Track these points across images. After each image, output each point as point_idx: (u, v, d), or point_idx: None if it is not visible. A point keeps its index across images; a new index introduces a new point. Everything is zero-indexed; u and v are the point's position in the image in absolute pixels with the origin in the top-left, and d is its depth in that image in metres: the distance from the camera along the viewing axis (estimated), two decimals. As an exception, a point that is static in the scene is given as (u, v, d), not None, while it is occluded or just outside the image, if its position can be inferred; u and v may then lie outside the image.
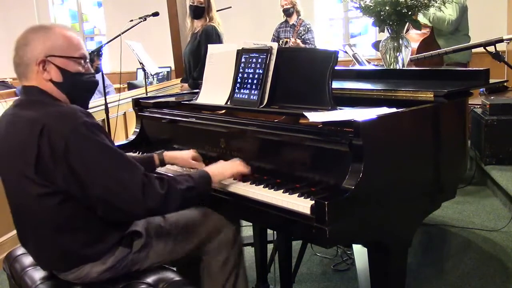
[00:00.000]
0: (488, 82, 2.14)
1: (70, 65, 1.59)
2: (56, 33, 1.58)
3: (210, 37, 4.18)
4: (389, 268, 1.67)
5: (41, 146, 1.44)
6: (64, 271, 1.60)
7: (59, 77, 1.57)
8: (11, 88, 5.97)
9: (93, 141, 1.46)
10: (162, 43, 6.83)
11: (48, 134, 1.43)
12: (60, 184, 1.47)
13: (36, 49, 1.55)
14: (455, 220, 3.39)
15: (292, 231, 1.66)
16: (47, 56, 1.55)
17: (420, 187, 1.73)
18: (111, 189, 1.46)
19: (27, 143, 1.46)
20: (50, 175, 1.46)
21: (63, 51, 1.57)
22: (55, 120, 1.46)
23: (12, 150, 1.53)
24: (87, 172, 1.45)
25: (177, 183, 1.58)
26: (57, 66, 1.57)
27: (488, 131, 3.99)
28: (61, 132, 1.43)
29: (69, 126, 1.44)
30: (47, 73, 1.56)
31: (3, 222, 3.12)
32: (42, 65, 1.55)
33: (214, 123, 1.97)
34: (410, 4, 2.40)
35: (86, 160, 1.45)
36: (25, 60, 1.56)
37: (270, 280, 2.53)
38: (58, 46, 1.57)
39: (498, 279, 2.59)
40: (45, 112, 1.49)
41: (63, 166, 1.44)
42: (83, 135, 1.45)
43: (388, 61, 2.54)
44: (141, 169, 1.53)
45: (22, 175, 1.50)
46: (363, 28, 7.90)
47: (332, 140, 1.54)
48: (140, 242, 1.65)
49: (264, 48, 1.95)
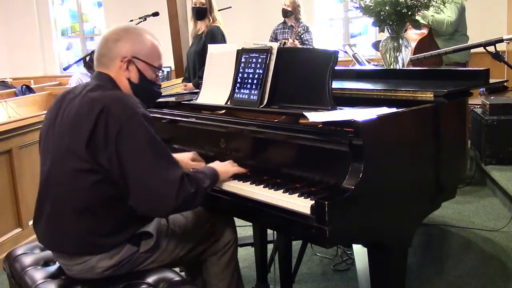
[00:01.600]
0: (488, 82, 2.14)
1: (148, 72, 1.70)
2: (146, 39, 1.70)
3: (216, 37, 4.20)
4: (389, 268, 1.67)
5: (98, 123, 1.50)
6: (71, 255, 1.61)
7: (136, 79, 1.68)
8: (11, 88, 5.96)
9: (145, 132, 1.52)
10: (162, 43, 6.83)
11: (107, 114, 1.50)
12: (103, 164, 1.51)
13: (125, 47, 1.65)
14: (455, 220, 3.39)
15: (292, 231, 1.66)
16: (133, 57, 1.66)
17: (420, 187, 1.73)
18: (149, 180, 1.51)
19: (85, 119, 1.52)
20: (97, 153, 1.51)
21: (147, 57, 1.69)
22: (116, 103, 1.53)
23: (68, 123, 1.58)
24: (132, 159, 1.50)
25: (202, 182, 1.62)
26: (138, 68, 1.67)
27: (488, 131, 3.99)
28: (119, 116, 1.50)
29: (128, 112, 1.51)
30: (127, 72, 1.66)
31: (3, 222, 3.13)
32: (127, 63, 1.65)
33: (214, 123, 1.97)
34: (410, 4, 2.40)
35: (134, 147, 1.51)
36: (112, 53, 1.66)
37: (270, 280, 2.53)
38: (145, 52, 1.68)
39: (498, 279, 2.59)
40: (109, 94, 1.57)
41: (112, 147, 1.49)
42: (138, 124, 1.51)
43: (388, 61, 2.54)
44: (181, 168, 1.59)
45: (69, 148, 1.55)
46: (363, 28, 7.89)
47: (332, 140, 1.54)
48: (148, 243, 1.67)
49: (264, 48, 1.95)
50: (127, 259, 1.63)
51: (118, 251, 1.61)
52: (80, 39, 8.97)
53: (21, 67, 8.50)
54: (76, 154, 1.53)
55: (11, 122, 3.28)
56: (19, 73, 8.12)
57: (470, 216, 3.46)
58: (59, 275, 1.68)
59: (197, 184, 1.59)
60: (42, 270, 1.72)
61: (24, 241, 3.06)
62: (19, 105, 4.42)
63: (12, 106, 3.99)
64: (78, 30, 9.03)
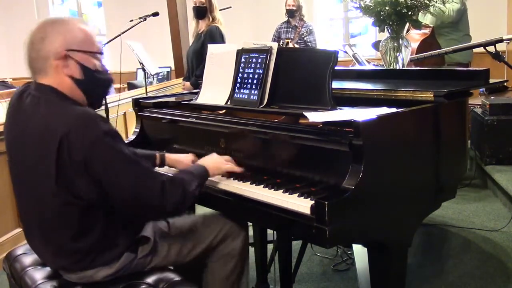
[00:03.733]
0: (488, 82, 2.14)
1: (89, 61, 1.52)
2: (73, 26, 1.50)
3: (214, 37, 4.21)
4: (389, 268, 1.67)
5: (61, 157, 1.40)
6: (71, 271, 1.60)
7: (80, 74, 1.51)
8: (11, 88, 5.96)
9: (112, 151, 1.44)
10: (162, 43, 6.83)
11: (68, 146, 1.39)
12: (82, 193, 1.45)
13: (55, 43, 1.46)
14: (455, 220, 3.39)
15: (292, 231, 1.66)
16: (67, 50, 1.47)
17: (420, 187, 1.73)
18: (132, 197, 1.48)
19: (47, 153, 1.42)
20: (71, 185, 1.44)
21: (82, 45, 1.50)
22: (74, 130, 1.39)
23: (31, 158, 1.49)
24: (108, 182, 1.45)
25: (187, 183, 1.59)
26: (77, 61, 1.49)
27: (488, 131, 3.99)
28: (81, 145, 1.39)
29: (89, 138, 1.40)
30: (68, 69, 1.49)
31: (3, 222, 3.12)
32: (63, 60, 1.48)
33: (214, 123, 1.97)
34: (410, 4, 2.40)
35: (106, 170, 1.44)
36: (42, 54, 1.47)
37: (270, 280, 2.53)
38: (77, 40, 1.49)
39: (498, 279, 2.59)
40: (63, 119, 1.42)
41: (85, 176, 1.43)
42: (103, 146, 1.41)
43: (388, 61, 2.54)
44: (158, 175, 1.55)
45: (42, 184, 1.47)
46: (363, 28, 7.90)
47: (332, 140, 1.54)
48: (146, 248, 1.65)
49: (264, 48, 1.95)
50: (126, 266, 1.61)
51: (116, 260, 1.59)
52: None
53: (21, 67, 8.44)
54: (52, 192, 1.45)
55: (11, 122, 3.27)
56: (19, 73, 8.09)
57: (470, 216, 3.46)
58: (59, 276, 1.68)
59: (183, 188, 1.56)
60: (42, 270, 1.72)
61: (24, 241, 3.05)
62: (19, 105, 4.40)
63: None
64: (78, 30, 9.02)
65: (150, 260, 1.67)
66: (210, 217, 1.84)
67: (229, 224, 1.81)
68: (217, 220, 1.82)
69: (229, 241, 1.80)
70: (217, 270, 1.80)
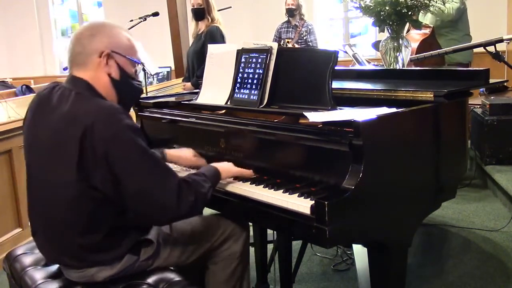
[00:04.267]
0: (488, 82, 2.14)
1: (128, 67, 1.62)
2: (122, 33, 1.62)
3: (215, 37, 4.21)
4: (389, 268, 1.67)
5: (83, 146, 1.43)
6: (71, 268, 1.60)
7: (117, 75, 1.59)
8: (11, 88, 5.96)
9: (135, 147, 1.46)
10: (162, 43, 6.83)
11: (91, 137, 1.43)
12: (97, 186, 1.46)
13: (102, 41, 1.56)
14: (455, 220, 3.39)
15: (292, 231, 1.65)
16: (112, 51, 1.57)
17: (420, 187, 1.73)
18: (147, 194, 1.47)
19: (69, 145, 1.45)
20: (88, 177, 1.46)
21: (126, 51, 1.61)
22: (98, 121, 1.43)
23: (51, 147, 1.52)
24: (126, 176, 1.45)
25: (201, 186, 1.58)
26: (117, 63, 1.59)
27: (488, 131, 3.99)
28: (104, 136, 1.43)
29: (112, 130, 1.44)
30: (107, 67, 1.57)
31: (3, 222, 3.12)
32: (106, 58, 1.56)
33: (214, 123, 1.97)
34: (410, 4, 2.40)
35: (126, 164, 1.45)
36: (88, 49, 1.56)
37: (270, 280, 2.53)
38: (123, 45, 1.60)
39: (498, 279, 2.59)
40: (89, 110, 1.47)
41: (103, 169, 1.44)
42: (125, 140, 1.45)
43: (388, 61, 2.54)
44: (177, 176, 1.54)
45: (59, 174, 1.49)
46: (363, 28, 7.90)
47: (332, 140, 1.54)
48: (149, 251, 1.65)
49: (264, 48, 1.95)
50: (128, 268, 1.61)
51: (118, 261, 1.59)
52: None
53: (21, 67, 8.50)
54: (68, 181, 1.48)
55: (11, 122, 3.27)
56: (19, 73, 8.13)
57: (470, 216, 3.46)
58: (59, 276, 1.68)
59: (196, 190, 1.55)
60: (42, 270, 1.72)
61: (24, 241, 3.06)
62: (19, 105, 4.40)
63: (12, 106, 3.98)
64: (78, 30, 9.02)
65: (152, 262, 1.67)
66: (211, 219, 1.85)
67: (231, 226, 1.81)
68: (219, 222, 1.82)
69: (230, 243, 1.80)
70: (219, 273, 1.80)
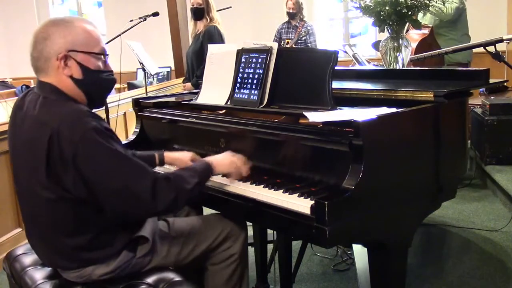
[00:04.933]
0: (488, 82, 2.14)
1: (91, 61, 1.55)
2: (77, 27, 1.53)
3: (213, 37, 4.22)
4: (389, 268, 1.67)
5: (51, 151, 1.42)
6: (69, 270, 1.60)
7: (79, 74, 1.53)
8: (11, 88, 5.97)
9: (102, 148, 1.44)
10: (162, 43, 6.83)
11: (57, 139, 1.41)
12: (70, 189, 1.46)
13: (57, 43, 1.49)
14: (455, 220, 3.39)
15: (292, 231, 1.66)
16: (68, 51, 1.50)
17: (420, 187, 1.73)
18: (121, 195, 1.46)
19: (38, 148, 1.45)
20: (60, 180, 1.45)
21: (84, 46, 1.53)
22: (64, 124, 1.42)
23: (23, 152, 1.53)
24: (96, 178, 1.44)
25: (185, 181, 1.57)
26: (77, 62, 1.52)
27: (488, 131, 3.99)
28: (70, 139, 1.41)
29: (78, 133, 1.41)
30: (68, 69, 1.51)
31: (3, 222, 3.13)
32: (64, 61, 1.50)
33: (214, 123, 1.97)
34: (410, 4, 2.40)
35: (95, 167, 1.43)
36: (44, 54, 1.51)
37: (270, 280, 2.53)
38: (79, 41, 1.52)
39: (498, 279, 2.59)
40: (55, 113, 1.46)
41: (72, 172, 1.43)
42: (92, 141, 1.42)
43: (388, 61, 2.54)
44: (151, 172, 1.52)
45: (34, 179, 1.49)
46: (363, 28, 7.90)
47: (332, 140, 1.54)
48: (145, 248, 1.64)
49: (264, 48, 1.95)
50: (124, 265, 1.61)
51: (114, 259, 1.59)
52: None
53: (21, 67, 8.46)
54: (43, 185, 1.47)
55: (11, 122, 3.27)
56: (19, 73, 8.11)
57: (470, 216, 3.46)
58: (59, 276, 1.68)
59: (177, 186, 1.53)
60: (42, 270, 1.72)
61: (24, 241, 3.05)
62: (19, 105, 4.41)
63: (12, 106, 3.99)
64: (78, 30, 9.02)
65: (149, 260, 1.67)
66: (210, 218, 1.84)
67: (229, 226, 1.80)
68: (218, 221, 1.82)
69: (230, 243, 1.79)
70: (218, 274, 1.80)
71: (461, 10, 4.26)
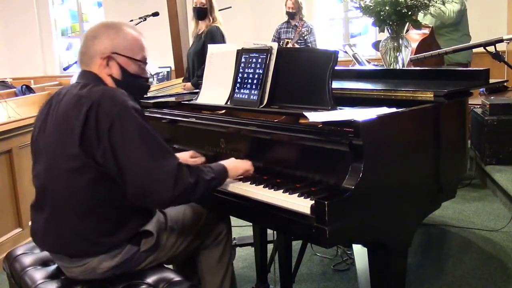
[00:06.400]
0: (488, 82, 2.14)
1: (131, 66, 1.68)
2: (125, 33, 1.67)
3: (215, 37, 4.22)
4: (389, 268, 1.67)
5: (88, 120, 1.50)
6: (71, 257, 1.60)
7: (119, 75, 1.66)
8: (11, 88, 5.96)
9: (137, 124, 1.52)
10: (162, 43, 6.83)
11: (97, 110, 1.50)
12: (98, 160, 1.51)
13: (103, 44, 1.64)
14: (455, 220, 3.39)
15: (292, 231, 1.66)
16: (112, 53, 1.64)
17: (420, 187, 1.73)
18: (145, 171, 1.50)
19: (75, 117, 1.52)
20: (91, 150, 1.51)
21: (127, 51, 1.66)
22: (104, 98, 1.52)
23: (58, 123, 1.58)
24: (126, 152, 1.50)
25: (203, 173, 1.61)
26: (119, 64, 1.66)
27: (488, 131, 3.99)
28: (109, 111, 1.50)
29: (117, 107, 1.51)
30: (108, 68, 1.65)
31: (3, 222, 3.13)
32: (106, 60, 1.64)
33: (214, 123, 1.97)
34: (410, 4, 2.40)
35: (127, 140, 1.50)
36: (91, 51, 1.65)
37: (270, 280, 2.53)
38: (124, 46, 1.66)
39: (498, 279, 2.59)
40: (96, 90, 1.56)
41: (105, 142, 1.49)
42: (128, 117, 1.51)
43: (388, 61, 2.54)
44: (177, 158, 1.58)
45: (63, 148, 1.54)
46: (363, 28, 7.89)
47: (332, 140, 1.54)
48: (149, 242, 1.67)
49: (264, 48, 1.95)
50: (128, 258, 1.63)
51: (119, 251, 1.61)
52: (80, 39, 8.94)
53: (21, 67, 8.49)
54: (71, 153, 1.52)
55: (11, 122, 3.28)
56: (19, 73, 8.11)
57: (470, 216, 3.46)
58: (59, 275, 1.68)
59: (198, 175, 1.57)
60: (42, 270, 1.72)
61: (24, 241, 3.06)
62: (19, 105, 4.41)
63: (12, 106, 3.98)
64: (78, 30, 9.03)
65: (150, 254, 1.69)
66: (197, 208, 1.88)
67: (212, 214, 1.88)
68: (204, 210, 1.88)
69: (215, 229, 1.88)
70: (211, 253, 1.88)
71: (463, 12, 4.26)
